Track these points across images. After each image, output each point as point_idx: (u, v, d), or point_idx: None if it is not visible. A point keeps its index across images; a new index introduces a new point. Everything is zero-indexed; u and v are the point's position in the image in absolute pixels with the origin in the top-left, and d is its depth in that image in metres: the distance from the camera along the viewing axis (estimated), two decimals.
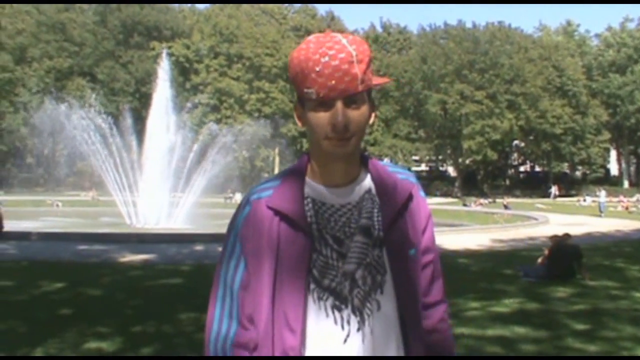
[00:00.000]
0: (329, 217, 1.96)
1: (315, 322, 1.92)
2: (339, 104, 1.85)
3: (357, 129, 1.89)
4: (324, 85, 1.84)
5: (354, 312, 1.91)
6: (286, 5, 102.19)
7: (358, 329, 1.90)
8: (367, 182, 2.01)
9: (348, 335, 1.90)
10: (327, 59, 1.84)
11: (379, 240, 1.94)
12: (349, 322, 1.90)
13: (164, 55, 46.69)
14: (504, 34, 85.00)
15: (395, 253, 1.95)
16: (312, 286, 1.92)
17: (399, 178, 2.04)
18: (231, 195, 58.49)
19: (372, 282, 1.92)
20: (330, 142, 1.88)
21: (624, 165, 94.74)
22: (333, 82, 1.84)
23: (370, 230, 1.94)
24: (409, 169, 2.24)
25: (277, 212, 1.94)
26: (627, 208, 51.60)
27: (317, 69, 1.84)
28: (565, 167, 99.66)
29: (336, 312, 1.91)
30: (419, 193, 2.09)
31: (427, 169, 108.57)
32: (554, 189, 79.87)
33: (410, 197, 2.02)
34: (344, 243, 1.93)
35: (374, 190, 1.99)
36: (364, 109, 1.91)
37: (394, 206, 1.97)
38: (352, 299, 1.91)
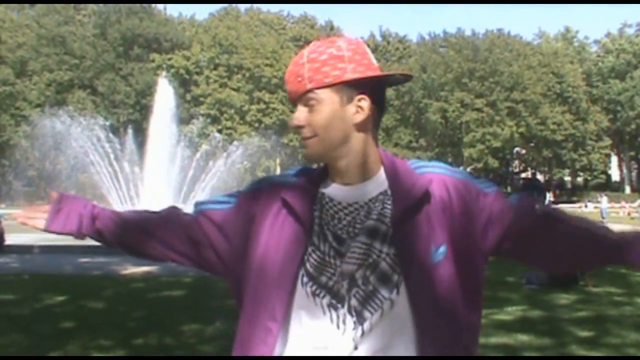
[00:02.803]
0: (334, 214, 1.95)
1: (310, 317, 1.92)
2: (298, 106, 1.93)
3: (316, 130, 1.91)
4: (287, 91, 1.96)
5: (349, 311, 1.88)
6: (285, 15, 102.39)
7: (354, 329, 1.87)
8: (383, 182, 1.97)
9: (343, 335, 1.88)
10: (290, 65, 1.96)
11: (389, 238, 1.90)
12: (344, 322, 1.88)
13: (164, 69, 46.82)
14: (503, 42, 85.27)
15: (406, 252, 1.89)
16: (305, 279, 1.92)
17: (419, 174, 1.97)
18: None
19: (380, 282, 1.88)
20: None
21: (625, 171, 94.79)
22: (289, 85, 1.94)
23: (377, 231, 1.90)
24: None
25: (284, 200, 1.97)
26: (629, 214, 51.63)
27: (285, 77, 1.96)
28: (566, 173, 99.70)
29: (332, 311, 1.89)
30: (451, 184, 1.97)
31: None
32: (548, 196, 79.93)
33: (427, 192, 1.92)
34: (344, 242, 1.91)
35: (389, 191, 1.95)
36: (321, 108, 1.90)
37: (406, 203, 1.90)
38: (349, 299, 1.89)
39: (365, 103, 1.92)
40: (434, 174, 1.97)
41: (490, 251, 2.04)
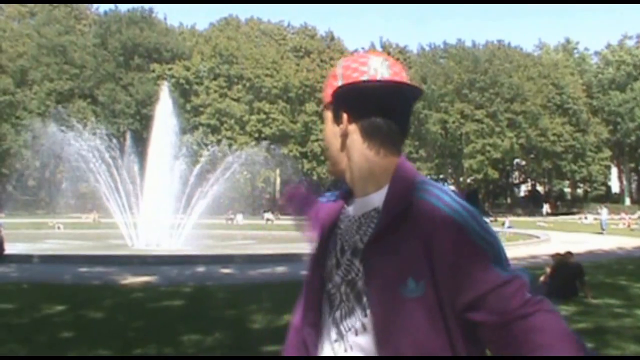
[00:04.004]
0: (345, 226, 2.00)
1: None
2: None
3: (324, 147, 2.02)
4: None
5: (334, 322, 1.93)
6: (285, 25, 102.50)
7: (335, 340, 1.91)
8: (379, 198, 1.91)
9: (323, 343, 1.94)
10: None
11: (363, 259, 1.88)
12: (329, 332, 1.94)
13: (165, 79, 46.69)
14: (503, 53, 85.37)
15: (372, 277, 1.84)
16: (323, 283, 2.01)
17: (412, 197, 1.82)
18: (232, 216, 58.36)
19: (356, 301, 1.88)
20: None
21: (625, 182, 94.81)
22: None
23: (357, 248, 1.91)
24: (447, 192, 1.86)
25: (329, 208, 2.10)
26: (629, 225, 51.57)
27: None
28: (566, 185, 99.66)
29: (327, 317, 1.96)
30: (443, 221, 1.76)
31: None
32: (545, 207, 79.92)
33: (402, 214, 1.80)
34: (345, 254, 1.95)
35: (380, 207, 1.91)
36: (324, 127, 2.03)
37: (381, 225, 1.84)
38: (337, 310, 1.93)
39: (345, 118, 1.93)
40: (428, 203, 1.81)
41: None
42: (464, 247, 1.74)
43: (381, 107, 1.92)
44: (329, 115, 1.99)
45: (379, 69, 1.92)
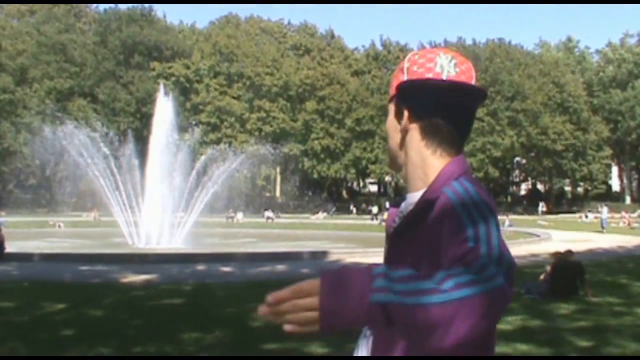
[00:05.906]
0: (396, 223, 2.01)
1: None
2: None
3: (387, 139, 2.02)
4: None
5: None
6: (286, 23, 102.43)
7: (368, 330, 1.93)
8: (418, 196, 1.90)
9: (365, 335, 1.95)
10: None
11: None
12: None
13: (165, 77, 46.47)
14: (504, 51, 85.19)
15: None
16: None
17: (435, 191, 1.80)
18: (233, 214, 58.33)
19: None
20: None
21: (625, 181, 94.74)
22: None
23: None
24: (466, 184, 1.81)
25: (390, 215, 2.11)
26: (629, 224, 51.50)
27: None
28: (566, 183, 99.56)
29: None
30: (441, 205, 1.75)
31: None
32: (541, 206, 79.78)
33: (423, 211, 1.80)
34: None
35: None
36: (387, 119, 2.01)
37: (406, 218, 1.89)
38: None
39: (405, 114, 1.91)
40: (445, 195, 1.77)
41: None
42: (448, 233, 1.67)
43: (443, 107, 1.88)
44: (392, 108, 1.97)
45: (446, 67, 1.89)
